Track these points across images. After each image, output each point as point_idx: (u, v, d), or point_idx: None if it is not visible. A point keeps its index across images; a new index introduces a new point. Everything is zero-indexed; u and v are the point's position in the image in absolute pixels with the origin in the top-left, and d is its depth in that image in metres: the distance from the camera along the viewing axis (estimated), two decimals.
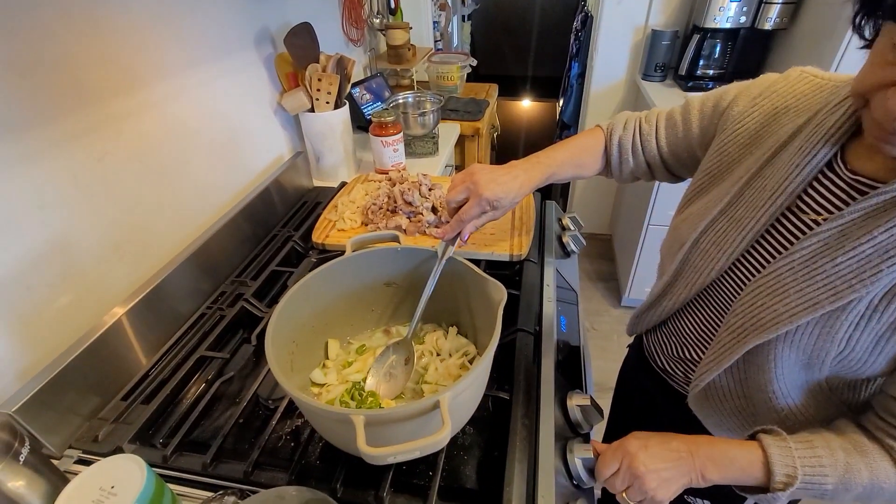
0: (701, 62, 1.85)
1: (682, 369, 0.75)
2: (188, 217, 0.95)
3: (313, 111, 1.20)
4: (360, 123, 1.55)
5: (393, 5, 1.85)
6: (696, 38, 1.82)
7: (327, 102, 1.19)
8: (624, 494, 0.57)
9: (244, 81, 1.09)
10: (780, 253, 0.56)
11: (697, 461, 0.54)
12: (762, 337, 0.55)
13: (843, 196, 0.52)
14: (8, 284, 0.63)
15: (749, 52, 1.83)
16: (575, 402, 0.68)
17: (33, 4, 0.62)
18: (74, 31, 0.68)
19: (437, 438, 0.43)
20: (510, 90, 4.77)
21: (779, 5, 1.65)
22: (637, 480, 0.55)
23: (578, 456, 0.59)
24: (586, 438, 0.69)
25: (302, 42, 1.12)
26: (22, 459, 0.45)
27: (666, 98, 1.88)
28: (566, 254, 1.07)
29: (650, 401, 0.87)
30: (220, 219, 0.97)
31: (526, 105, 4.71)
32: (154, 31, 0.82)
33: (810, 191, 0.55)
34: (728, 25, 1.76)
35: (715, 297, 0.65)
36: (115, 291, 0.79)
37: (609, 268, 2.54)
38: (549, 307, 0.86)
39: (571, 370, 0.82)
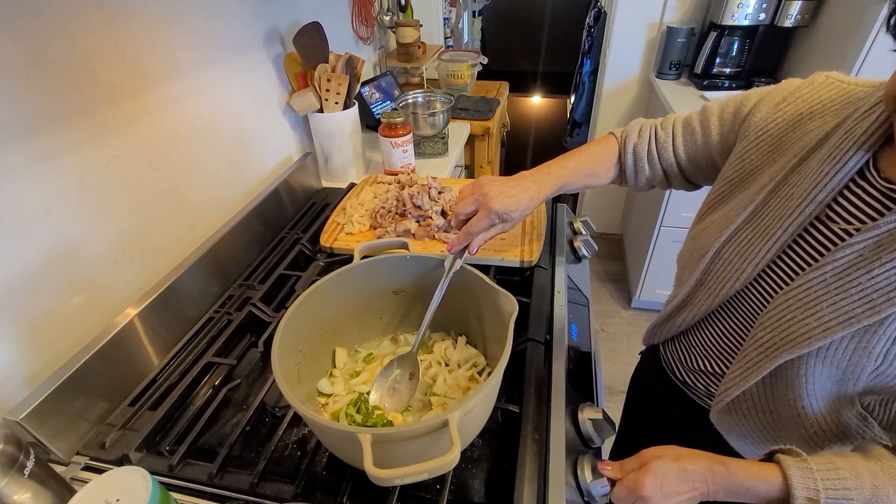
0: (717, 60, 1.81)
1: (703, 382, 0.73)
2: (196, 219, 0.94)
3: (322, 111, 1.19)
4: (370, 122, 1.54)
5: (403, 2, 1.82)
6: (712, 35, 1.78)
7: (336, 103, 1.18)
8: None
9: (253, 82, 1.08)
10: (808, 264, 0.54)
11: (711, 489, 0.52)
12: (794, 352, 0.53)
13: (877, 205, 0.50)
14: (16, 290, 0.63)
15: (768, 50, 1.78)
16: (587, 415, 0.67)
17: (43, 8, 0.62)
18: (83, 34, 0.68)
19: (445, 461, 0.42)
20: (520, 86, 4.72)
21: (800, 2, 1.60)
22: None
23: (592, 484, 0.58)
24: (597, 452, 0.68)
25: (311, 42, 1.11)
26: (27, 472, 0.45)
27: (680, 97, 1.84)
28: (577, 258, 1.05)
29: (665, 412, 0.85)
30: (228, 221, 0.96)
31: (536, 101, 4.66)
32: (164, 31, 0.81)
33: (840, 199, 0.53)
34: (746, 23, 1.71)
35: (739, 309, 0.63)
36: (123, 295, 0.79)
37: (619, 268, 2.51)
38: (560, 315, 0.84)
39: (582, 379, 0.81)
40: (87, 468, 0.62)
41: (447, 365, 0.69)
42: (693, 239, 0.69)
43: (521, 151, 3.61)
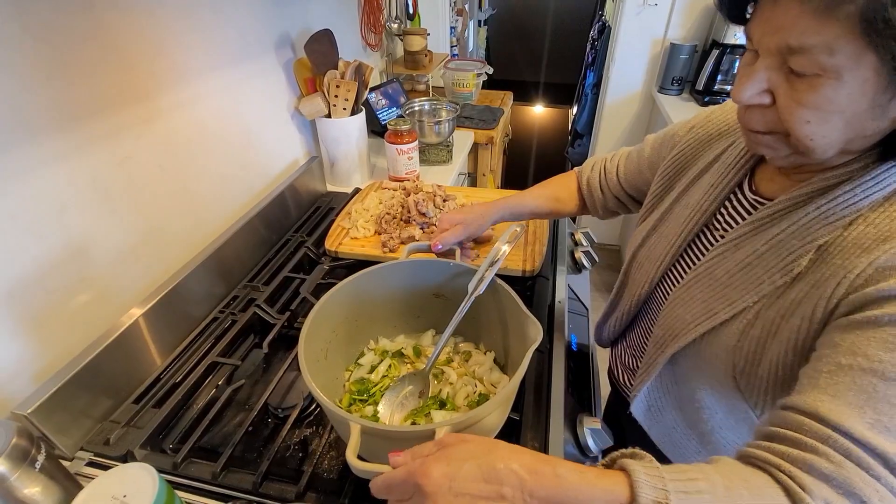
0: (719, 78, 1.84)
1: (631, 381, 0.78)
2: (203, 220, 0.95)
3: (330, 117, 1.20)
4: (375, 128, 1.56)
5: (411, 11, 1.85)
6: (715, 53, 1.81)
7: (344, 108, 1.20)
8: None
9: (263, 85, 1.10)
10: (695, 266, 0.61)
11: (528, 497, 0.36)
12: (674, 347, 0.58)
13: (745, 214, 0.57)
14: (27, 287, 0.64)
15: None
16: (586, 424, 0.68)
17: (61, 10, 0.63)
18: (100, 36, 0.69)
19: None
20: (523, 95, 4.76)
21: None
22: None
23: None
24: (595, 461, 0.69)
25: (321, 48, 1.12)
26: (38, 466, 0.46)
27: (682, 112, 1.86)
28: (578, 269, 1.07)
29: (616, 414, 0.89)
30: (235, 223, 0.98)
31: (539, 111, 4.70)
32: (177, 35, 0.83)
33: (722, 210, 0.60)
34: None
35: (655, 308, 0.69)
36: (131, 294, 0.80)
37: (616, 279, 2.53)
38: (561, 324, 0.85)
39: (581, 389, 0.82)
40: (92, 464, 0.63)
41: (474, 378, 0.69)
42: (626, 248, 0.77)
43: (524, 160, 3.64)
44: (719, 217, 0.60)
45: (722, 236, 0.58)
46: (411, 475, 0.37)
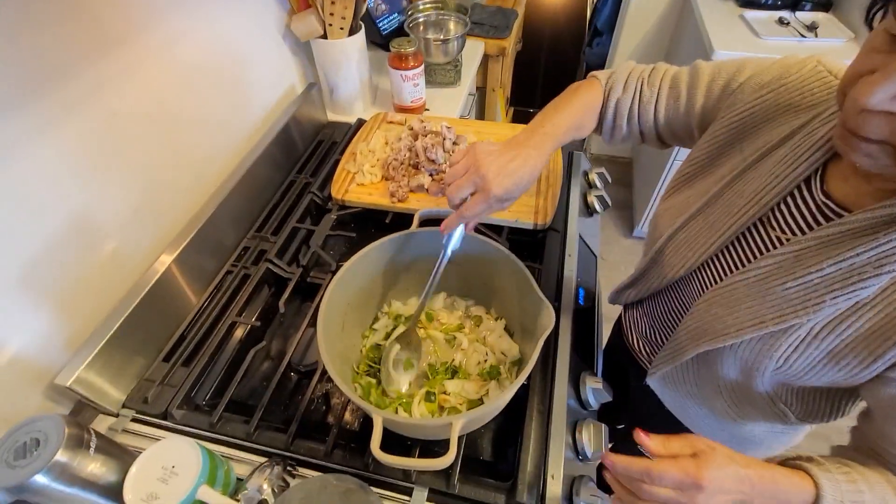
0: None
1: (647, 350, 0.80)
2: (204, 168, 0.91)
3: (326, 38, 1.08)
4: (375, 39, 1.41)
5: None
6: None
7: (341, 28, 1.07)
8: None
9: (249, 4, 0.97)
10: (742, 265, 0.57)
11: (754, 493, 0.46)
12: (712, 345, 0.57)
13: (809, 219, 0.51)
14: (40, 264, 0.63)
15: None
16: (589, 384, 0.72)
17: None
18: None
19: (439, 462, 0.48)
20: None
21: None
22: None
23: (589, 449, 0.65)
24: (593, 415, 0.75)
25: None
26: (92, 450, 0.50)
27: (717, 15, 1.66)
28: (589, 213, 1.05)
29: (622, 370, 0.92)
30: (237, 168, 0.94)
31: None
32: None
33: (783, 206, 0.53)
34: None
35: (685, 291, 0.67)
36: (142, 255, 0.80)
37: (625, 195, 2.49)
38: (570, 279, 0.86)
39: (584, 342, 0.86)
40: (136, 420, 0.69)
41: (485, 345, 0.72)
42: (657, 217, 0.71)
43: (534, 57, 3.33)
44: (777, 213, 0.53)
45: (777, 238, 0.53)
46: (690, 475, 0.43)
